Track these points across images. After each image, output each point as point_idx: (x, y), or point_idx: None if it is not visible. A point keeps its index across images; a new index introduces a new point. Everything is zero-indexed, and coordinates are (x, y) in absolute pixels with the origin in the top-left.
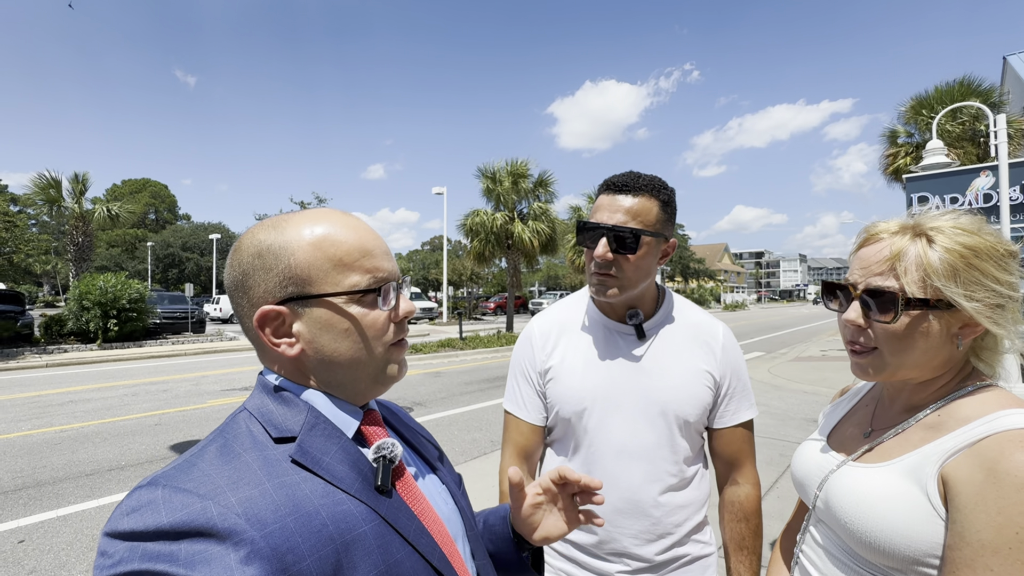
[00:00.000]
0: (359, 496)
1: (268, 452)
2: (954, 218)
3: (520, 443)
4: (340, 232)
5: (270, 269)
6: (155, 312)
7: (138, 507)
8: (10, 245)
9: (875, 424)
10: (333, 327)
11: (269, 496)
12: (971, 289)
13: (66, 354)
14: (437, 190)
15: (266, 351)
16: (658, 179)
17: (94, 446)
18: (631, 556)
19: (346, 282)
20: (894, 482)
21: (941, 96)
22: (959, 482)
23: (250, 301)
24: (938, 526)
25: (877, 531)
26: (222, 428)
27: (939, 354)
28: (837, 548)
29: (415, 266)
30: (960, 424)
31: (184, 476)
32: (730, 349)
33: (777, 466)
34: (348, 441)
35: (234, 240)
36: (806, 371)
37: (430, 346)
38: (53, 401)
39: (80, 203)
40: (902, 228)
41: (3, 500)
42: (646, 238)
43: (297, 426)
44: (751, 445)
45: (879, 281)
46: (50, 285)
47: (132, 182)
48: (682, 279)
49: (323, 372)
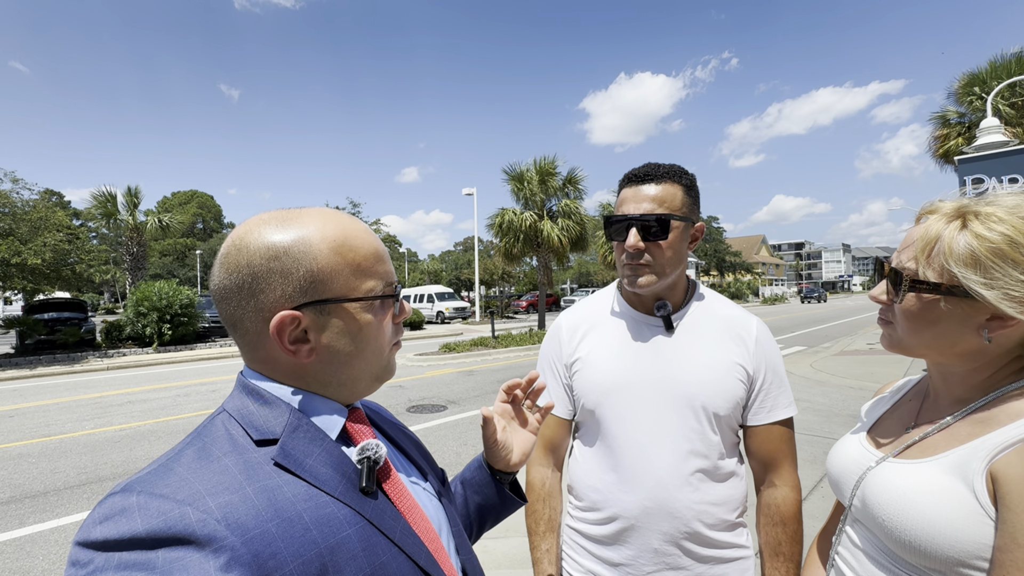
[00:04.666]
0: (343, 498)
1: (249, 455)
2: (1006, 203)
3: (546, 436)
4: (356, 237)
5: (289, 274)
6: (204, 317)
7: (111, 515)
8: (73, 256)
9: (920, 419)
10: (349, 331)
11: (250, 501)
12: (993, 278)
13: (124, 357)
14: (467, 191)
15: (270, 353)
16: (677, 166)
17: (149, 444)
18: (662, 554)
19: (363, 287)
20: (937, 478)
21: (996, 71)
22: (1011, 480)
23: (259, 305)
24: (986, 526)
25: (918, 530)
26: (199, 431)
27: (960, 343)
28: (875, 549)
29: (448, 267)
30: (1012, 419)
31: (160, 481)
32: (764, 343)
33: (820, 465)
34: (331, 442)
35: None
36: (851, 366)
37: (463, 345)
38: (113, 402)
39: (134, 215)
40: (953, 208)
41: (70, 495)
42: (675, 222)
43: (279, 428)
44: (790, 445)
45: (903, 261)
46: (110, 293)
47: (181, 194)
48: (717, 273)
49: (329, 373)
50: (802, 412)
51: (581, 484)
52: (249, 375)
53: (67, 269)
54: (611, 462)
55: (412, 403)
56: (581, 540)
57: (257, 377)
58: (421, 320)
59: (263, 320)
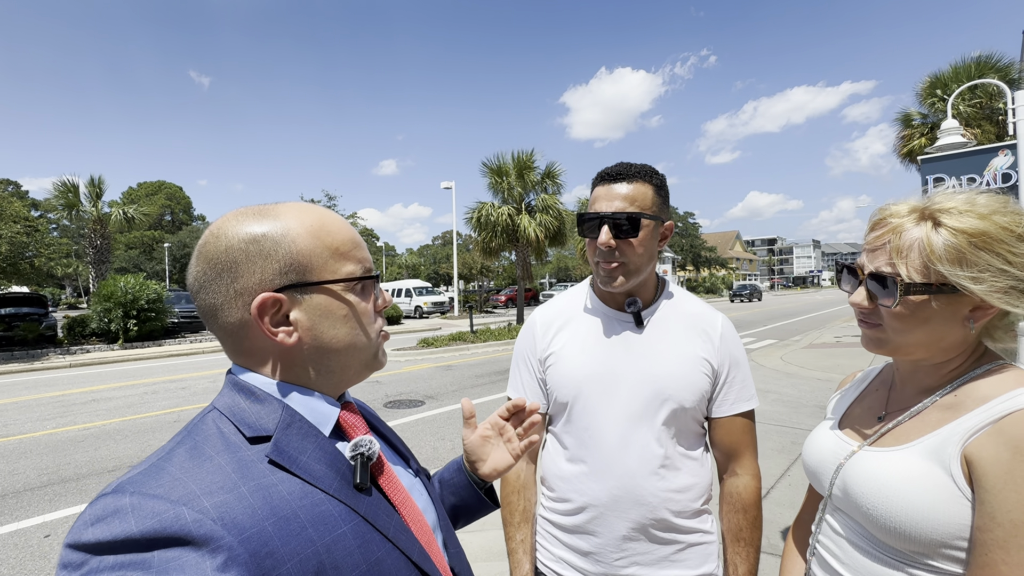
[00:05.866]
0: (338, 495)
1: (242, 453)
2: (969, 198)
3: None
4: (333, 223)
5: (269, 256)
6: (173, 312)
7: (104, 516)
8: (31, 249)
9: (889, 407)
10: (332, 314)
11: (245, 500)
12: (979, 272)
13: (88, 354)
14: (445, 184)
15: (254, 343)
16: (648, 166)
17: (115, 443)
18: (630, 540)
19: (343, 270)
20: (915, 464)
21: (957, 74)
22: (985, 461)
23: (239, 290)
24: (964, 507)
25: (901, 515)
26: (190, 429)
27: (948, 336)
28: (858, 536)
29: (426, 261)
30: (979, 403)
31: (153, 481)
32: (729, 339)
33: (789, 454)
34: (325, 439)
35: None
36: (820, 358)
37: (441, 340)
38: (76, 400)
39: (97, 206)
40: (911, 210)
41: (30, 496)
42: (646, 221)
43: (272, 424)
44: (752, 436)
45: (883, 266)
46: (72, 288)
47: (148, 184)
48: (693, 268)
49: (316, 360)
50: (771, 403)
51: (552, 475)
52: (237, 371)
53: (25, 263)
54: (582, 453)
55: (389, 399)
56: (553, 529)
57: (245, 373)
58: (399, 315)
59: (244, 305)
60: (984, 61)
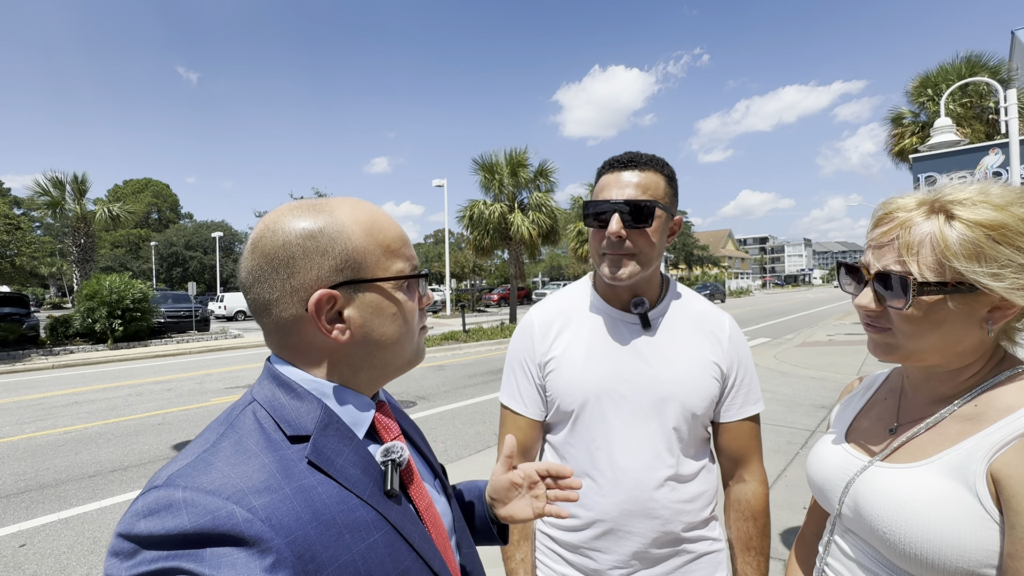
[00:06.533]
0: (370, 502)
1: (284, 451)
2: (982, 189)
3: (517, 438)
4: (384, 220)
5: (326, 252)
6: (159, 311)
7: (157, 509)
8: (12, 248)
9: (901, 418)
10: (383, 311)
11: (289, 501)
12: (999, 268)
13: (72, 355)
14: (437, 183)
15: (304, 338)
16: (659, 156)
17: (97, 447)
18: (639, 556)
19: (394, 268)
20: (936, 483)
21: (947, 73)
22: (1014, 479)
23: (295, 285)
24: (992, 531)
25: (921, 540)
26: (231, 421)
27: (965, 339)
28: (871, 560)
29: (419, 259)
30: (1003, 414)
31: (203, 476)
32: (737, 340)
33: (785, 454)
34: (359, 441)
35: (237, 238)
36: (813, 356)
37: (433, 339)
38: (57, 403)
39: (81, 204)
40: (919, 204)
41: (5, 503)
42: (659, 211)
43: (311, 424)
44: (758, 441)
45: (891, 264)
46: (56, 287)
47: (134, 182)
48: (686, 266)
49: (363, 358)
50: (766, 402)
51: None
52: (278, 363)
53: (6, 262)
54: (587, 465)
55: None
56: (555, 546)
57: (285, 366)
58: None
59: (299, 301)
60: (974, 60)
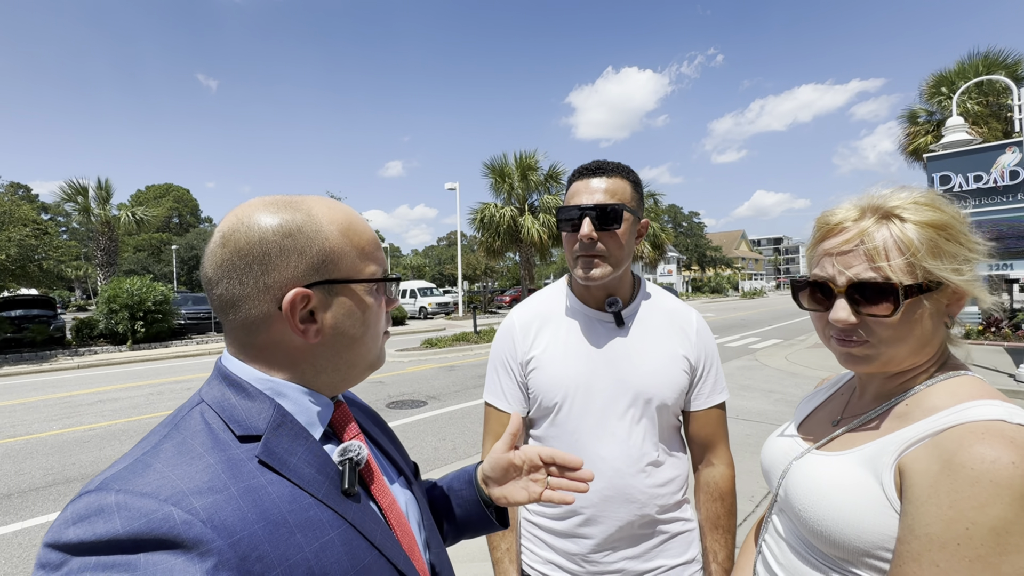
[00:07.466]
0: (326, 501)
1: (232, 451)
2: (909, 194)
3: (502, 434)
4: (359, 222)
5: (303, 251)
6: (180, 313)
7: (87, 515)
8: (40, 252)
9: (846, 413)
10: (352, 313)
11: (235, 501)
12: (958, 264)
13: (96, 356)
14: (450, 186)
15: (271, 337)
16: (624, 164)
17: (120, 443)
18: (618, 538)
19: (367, 270)
20: (849, 471)
21: (963, 71)
22: (915, 473)
23: (268, 283)
24: (891, 518)
25: (829, 521)
26: (175, 423)
27: (933, 336)
28: (795, 538)
29: (431, 262)
30: (927, 414)
31: (139, 479)
32: (704, 334)
33: None
34: (315, 441)
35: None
36: (824, 358)
37: (445, 340)
38: (83, 401)
39: (105, 209)
40: (862, 212)
41: (35, 496)
42: (627, 214)
43: (263, 423)
44: (724, 427)
45: (863, 273)
46: (82, 290)
47: (155, 187)
48: (699, 267)
49: (328, 358)
50: (775, 403)
51: None
52: (230, 363)
53: (34, 266)
54: None
55: (392, 399)
56: (540, 533)
57: (236, 365)
58: (404, 316)
59: (272, 299)
60: (992, 58)
